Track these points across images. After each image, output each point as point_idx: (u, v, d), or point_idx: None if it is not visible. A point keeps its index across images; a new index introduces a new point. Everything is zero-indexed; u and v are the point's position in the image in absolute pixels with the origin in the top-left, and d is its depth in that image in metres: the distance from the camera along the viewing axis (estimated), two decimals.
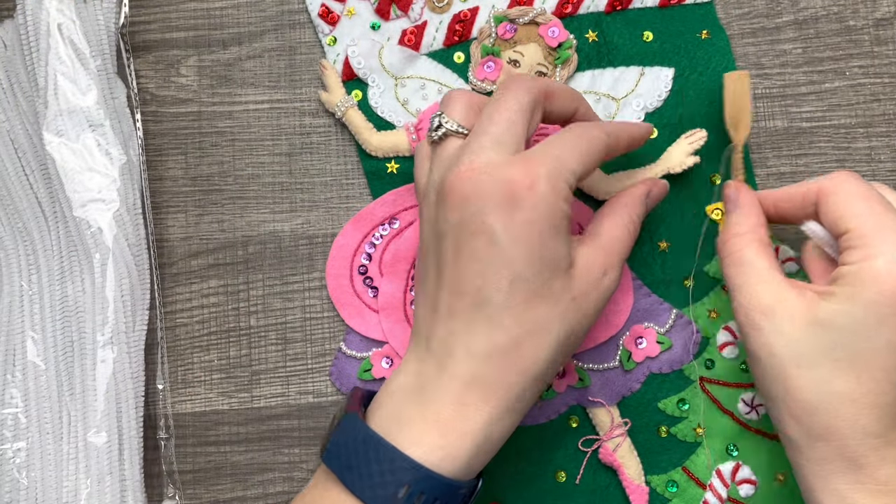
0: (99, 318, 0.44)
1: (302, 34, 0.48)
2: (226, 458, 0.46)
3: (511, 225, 0.35)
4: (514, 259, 0.35)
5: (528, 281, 0.35)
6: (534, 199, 0.35)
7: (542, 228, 0.35)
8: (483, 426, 0.35)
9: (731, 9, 0.48)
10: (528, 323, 0.35)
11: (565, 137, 0.37)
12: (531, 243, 0.35)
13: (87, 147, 0.44)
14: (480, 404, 0.35)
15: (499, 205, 0.35)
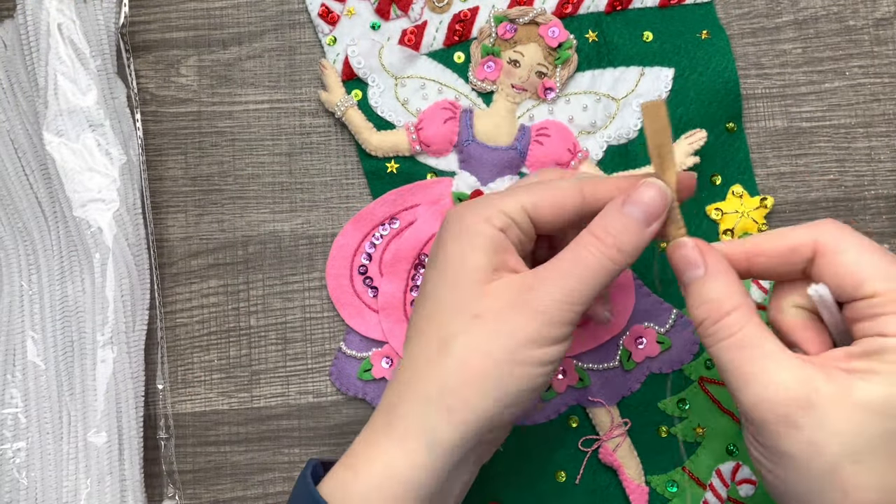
0: (99, 318, 0.44)
1: (302, 34, 0.48)
2: (226, 458, 0.46)
3: (436, 246, 0.36)
4: (427, 279, 0.36)
5: (432, 297, 0.35)
6: (458, 219, 0.35)
7: (452, 244, 0.35)
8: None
9: (731, 9, 0.48)
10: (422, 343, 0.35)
11: (531, 183, 0.37)
12: (441, 259, 0.35)
13: (87, 147, 0.44)
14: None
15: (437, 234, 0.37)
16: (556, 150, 0.45)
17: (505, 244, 0.35)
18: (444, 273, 0.35)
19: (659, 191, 0.34)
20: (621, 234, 0.34)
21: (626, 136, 0.46)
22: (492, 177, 0.46)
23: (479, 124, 0.46)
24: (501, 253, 0.35)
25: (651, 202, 0.34)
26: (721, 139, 0.46)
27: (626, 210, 0.34)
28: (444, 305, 0.35)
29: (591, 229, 0.34)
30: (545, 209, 0.35)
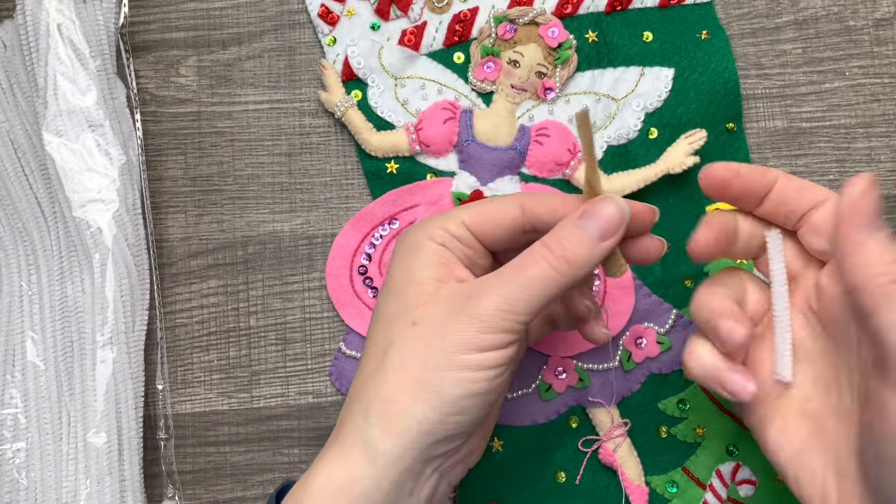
0: (98, 319, 0.43)
1: (302, 34, 0.48)
2: (225, 458, 0.46)
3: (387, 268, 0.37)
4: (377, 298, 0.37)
5: (376, 310, 0.36)
6: (402, 239, 0.37)
7: (397, 261, 0.36)
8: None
9: (731, 9, 0.48)
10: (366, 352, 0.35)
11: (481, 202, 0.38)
12: (388, 276, 0.36)
13: (87, 147, 0.44)
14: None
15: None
16: (555, 150, 0.45)
17: (447, 256, 0.35)
18: (389, 287, 0.36)
19: (618, 207, 0.34)
20: (573, 245, 0.33)
21: (626, 137, 0.46)
22: (492, 177, 0.46)
23: (478, 124, 0.46)
24: (444, 265, 0.35)
25: (609, 217, 0.34)
26: (721, 139, 0.46)
27: (581, 222, 0.34)
28: (386, 316, 0.35)
29: (543, 240, 0.34)
30: (485, 223, 0.36)
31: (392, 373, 0.33)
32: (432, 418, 0.33)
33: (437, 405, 0.33)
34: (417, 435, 0.33)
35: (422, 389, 0.33)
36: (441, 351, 0.33)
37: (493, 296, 0.33)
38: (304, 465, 0.46)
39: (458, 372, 0.33)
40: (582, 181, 0.45)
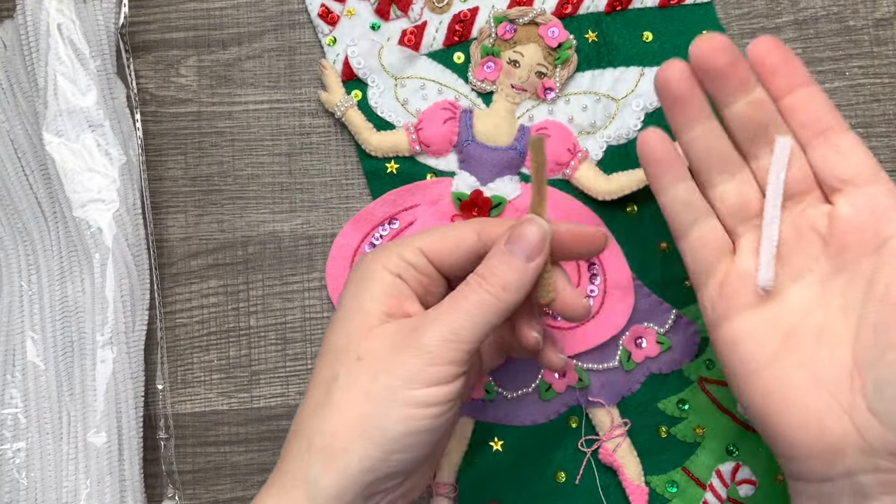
0: (98, 319, 0.44)
1: (302, 34, 0.48)
2: (225, 458, 0.46)
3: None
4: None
5: (324, 341, 0.36)
6: (356, 268, 0.36)
7: (347, 291, 0.36)
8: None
9: (730, 9, 0.48)
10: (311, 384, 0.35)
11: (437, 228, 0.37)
12: (338, 306, 0.36)
13: (87, 147, 0.44)
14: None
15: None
16: (555, 150, 0.45)
17: (400, 289, 0.35)
18: (337, 317, 0.35)
19: (537, 227, 0.34)
20: (504, 272, 0.34)
21: (626, 136, 0.46)
22: (491, 177, 0.46)
23: (478, 124, 0.46)
24: (395, 297, 0.35)
25: (531, 238, 0.34)
26: None
27: (507, 247, 0.34)
28: (332, 349, 0.35)
29: (477, 270, 0.35)
30: (442, 250, 0.36)
31: (336, 407, 0.33)
32: (374, 455, 0.32)
33: (380, 442, 0.32)
34: (358, 472, 0.32)
35: (364, 425, 0.32)
36: (386, 386, 0.32)
37: (438, 326, 0.33)
38: None
39: (402, 408, 0.32)
40: (582, 182, 0.45)
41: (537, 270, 0.35)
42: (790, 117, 0.36)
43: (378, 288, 0.35)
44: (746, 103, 0.36)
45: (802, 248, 0.36)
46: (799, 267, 0.36)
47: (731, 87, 0.36)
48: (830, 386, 0.34)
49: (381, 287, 0.35)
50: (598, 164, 0.46)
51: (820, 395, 0.34)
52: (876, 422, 0.33)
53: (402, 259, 0.35)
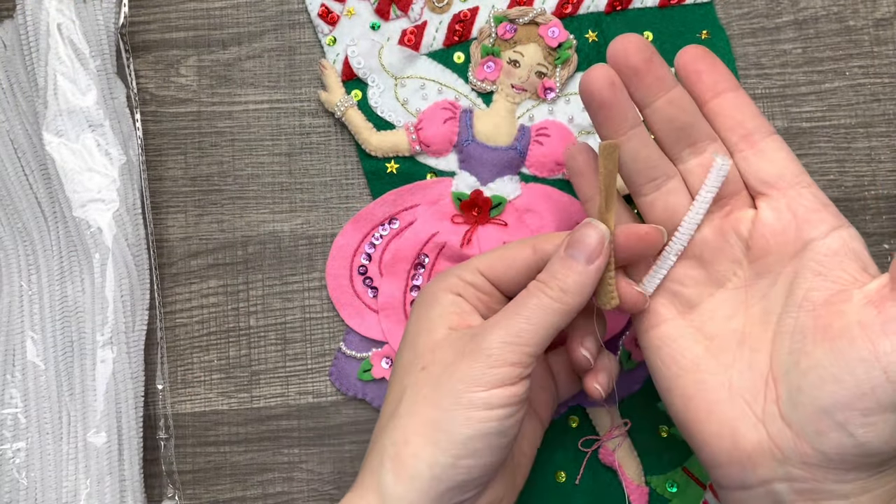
0: (98, 318, 0.43)
1: (302, 34, 0.48)
2: (225, 458, 0.46)
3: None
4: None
5: (395, 361, 0.37)
6: (421, 293, 0.38)
7: (414, 314, 0.37)
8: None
9: (731, 9, 0.48)
10: (386, 400, 0.37)
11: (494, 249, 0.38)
12: (405, 329, 0.38)
13: (87, 147, 0.44)
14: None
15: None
16: (556, 150, 0.45)
17: (462, 306, 0.36)
18: (405, 339, 0.37)
19: (595, 229, 0.35)
20: (564, 274, 0.35)
21: None
22: (491, 177, 0.46)
23: (478, 124, 0.46)
24: (457, 314, 0.36)
25: (588, 240, 0.35)
26: None
27: (567, 252, 0.35)
28: (401, 366, 0.36)
29: (537, 276, 0.36)
30: (499, 267, 0.37)
31: (404, 417, 0.34)
32: (442, 462, 0.33)
33: (447, 447, 0.33)
34: (429, 480, 0.33)
35: (432, 430, 0.33)
36: (449, 390, 0.33)
37: (498, 331, 0.34)
38: (303, 464, 0.46)
39: (466, 410, 0.33)
40: None
41: (598, 273, 0.35)
42: (715, 121, 0.36)
43: (441, 307, 0.36)
44: (666, 102, 0.36)
45: (726, 254, 0.36)
46: (723, 272, 0.36)
47: (648, 85, 0.36)
48: (746, 393, 0.34)
49: (443, 306, 0.36)
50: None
51: (735, 402, 0.34)
52: (789, 431, 0.33)
53: (461, 280, 0.37)
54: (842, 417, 0.31)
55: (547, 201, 0.45)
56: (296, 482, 0.45)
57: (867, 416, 0.31)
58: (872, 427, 0.31)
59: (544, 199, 0.45)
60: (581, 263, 0.35)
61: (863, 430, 0.31)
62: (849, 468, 0.32)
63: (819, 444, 0.32)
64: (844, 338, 0.32)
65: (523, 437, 0.39)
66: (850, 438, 0.31)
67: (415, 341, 0.36)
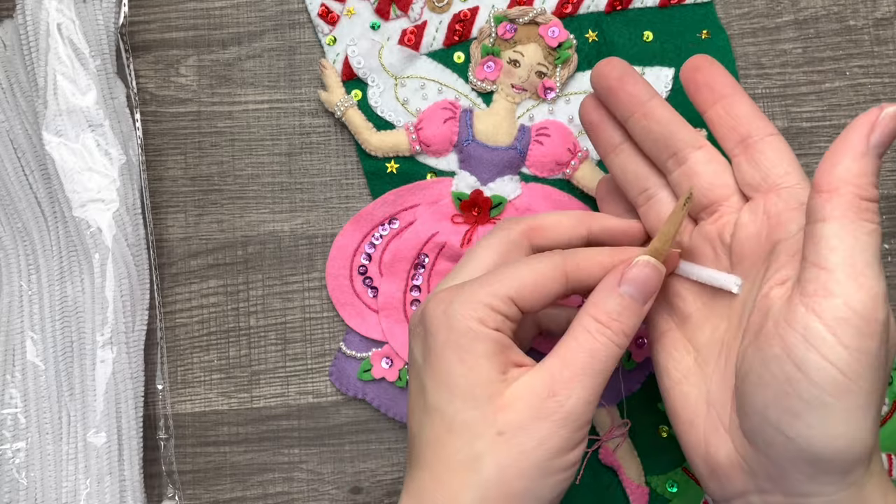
0: (98, 319, 0.43)
1: (301, 34, 0.48)
2: (225, 458, 0.46)
3: (426, 351, 0.34)
4: (426, 388, 0.33)
5: (440, 411, 0.33)
6: (445, 323, 0.33)
7: (450, 353, 0.33)
8: None
9: (731, 9, 0.47)
10: (444, 459, 0.32)
11: (511, 264, 0.35)
12: (440, 370, 0.33)
13: (87, 147, 0.44)
14: None
15: (418, 332, 0.35)
16: (556, 150, 0.45)
17: (505, 343, 0.34)
18: (450, 386, 0.33)
19: (655, 269, 0.34)
20: (623, 317, 0.33)
21: None
22: (492, 177, 0.45)
23: (478, 124, 0.46)
24: (504, 353, 0.33)
25: (647, 281, 0.34)
26: None
27: (623, 290, 0.34)
28: (462, 423, 0.33)
29: (593, 314, 0.34)
30: (529, 295, 0.34)
31: (494, 488, 0.32)
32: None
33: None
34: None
35: (521, 499, 0.32)
36: (536, 462, 0.32)
37: (579, 391, 0.32)
38: (303, 464, 0.46)
39: (553, 476, 0.32)
40: (582, 182, 0.45)
41: (646, 313, 0.35)
42: (713, 129, 0.37)
43: (485, 346, 0.33)
44: (641, 115, 0.37)
45: (714, 261, 0.36)
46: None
47: (623, 102, 0.37)
48: (719, 405, 0.34)
49: (488, 345, 0.33)
50: (599, 164, 0.46)
51: (709, 414, 0.34)
52: (746, 441, 0.32)
53: (494, 311, 0.33)
54: (774, 418, 0.30)
55: (547, 201, 0.45)
56: (296, 482, 0.45)
57: (794, 414, 0.30)
58: (803, 425, 0.30)
59: (544, 199, 0.45)
60: (639, 305, 0.34)
61: (794, 430, 0.30)
62: (807, 477, 0.31)
63: (768, 451, 0.31)
64: (763, 336, 0.31)
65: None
66: (788, 441, 0.30)
67: (470, 392, 0.33)
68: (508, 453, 0.32)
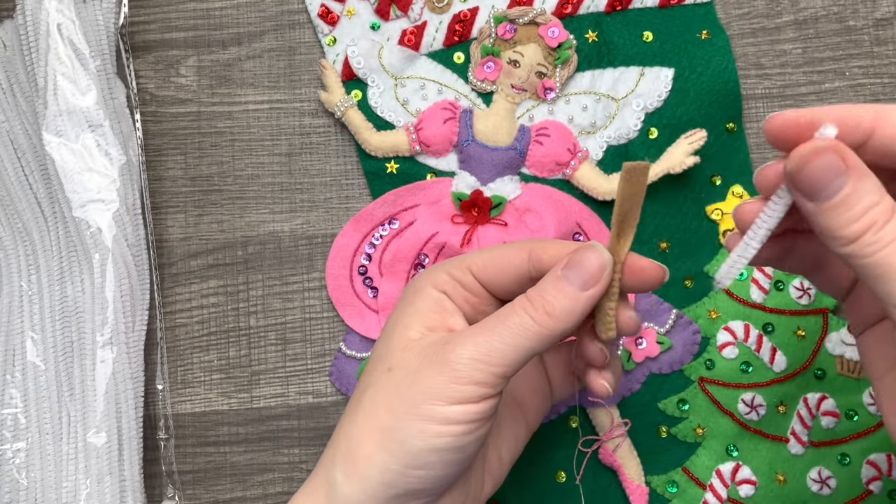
0: (98, 319, 0.43)
1: (301, 34, 0.48)
2: (225, 458, 0.46)
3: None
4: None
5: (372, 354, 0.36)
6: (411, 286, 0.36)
7: (399, 306, 0.36)
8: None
9: (731, 9, 0.47)
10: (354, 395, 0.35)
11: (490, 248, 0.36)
12: (388, 321, 0.36)
13: (87, 147, 0.44)
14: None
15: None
16: (555, 150, 0.45)
17: (445, 305, 0.34)
18: (382, 333, 0.36)
19: (597, 254, 0.32)
20: (553, 297, 0.32)
21: (626, 137, 0.46)
22: (492, 177, 0.46)
23: (478, 124, 0.46)
24: (438, 313, 0.34)
25: (587, 265, 0.32)
26: (721, 139, 0.46)
27: (563, 273, 0.32)
28: (371, 361, 0.35)
29: (527, 292, 0.33)
30: (491, 269, 0.35)
31: (362, 415, 0.33)
32: (394, 469, 0.32)
33: (399, 456, 0.32)
34: (378, 484, 0.32)
35: (385, 437, 0.32)
36: (408, 399, 0.32)
37: (468, 345, 0.32)
38: (303, 465, 0.46)
39: (421, 423, 0.31)
40: (582, 182, 0.45)
41: (591, 301, 0.32)
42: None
43: (422, 302, 0.34)
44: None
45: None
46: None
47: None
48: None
49: (424, 301, 0.34)
50: (599, 164, 0.46)
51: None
52: None
53: (450, 276, 0.35)
54: None
55: (547, 201, 0.45)
56: (296, 482, 0.45)
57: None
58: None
59: (544, 199, 0.45)
60: (574, 288, 0.32)
61: None
62: None
63: None
64: None
65: (502, 443, 0.38)
66: None
67: (389, 335, 0.35)
68: (386, 387, 0.32)
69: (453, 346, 0.32)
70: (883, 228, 0.28)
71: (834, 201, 0.28)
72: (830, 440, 0.44)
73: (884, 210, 0.28)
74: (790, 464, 0.43)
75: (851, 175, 0.28)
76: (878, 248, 0.28)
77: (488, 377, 0.32)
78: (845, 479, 0.43)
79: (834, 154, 0.28)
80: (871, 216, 0.28)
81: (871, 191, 0.28)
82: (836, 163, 0.28)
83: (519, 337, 0.32)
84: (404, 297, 0.36)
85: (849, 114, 0.29)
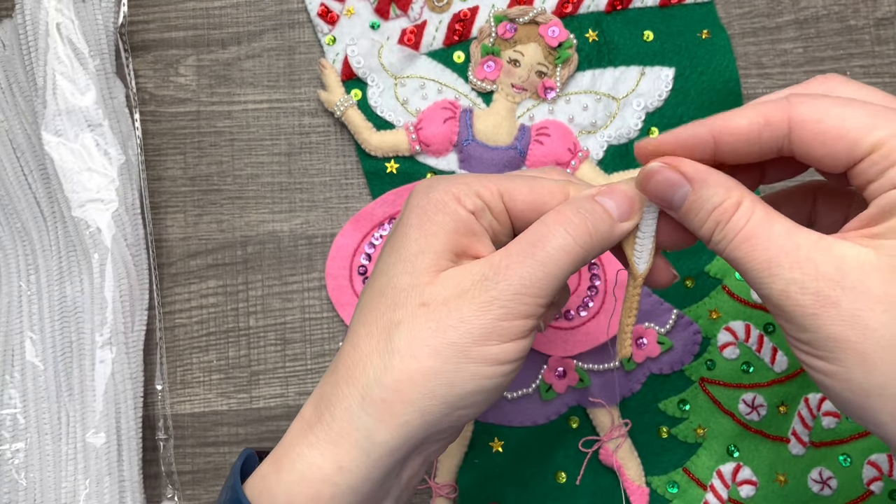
0: (97, 319, 0.43)
1: (301, 34, 0.48)
2: (225, 458, 0.46)
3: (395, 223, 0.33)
4: (381, 254, 0.32)
5: (382, 273, 0.32)
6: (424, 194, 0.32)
7: (414, 218, 0.31)
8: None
9: (731, 8, 0.47)
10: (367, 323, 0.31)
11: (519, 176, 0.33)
12: (398, 234, 0.32)
13: (86, 147, 0.44)
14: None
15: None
16: (556, 149, 0.45)
17: (473, 227, 0.31)
18: (399, 251, 0.31)
19: (633, 189, 0.31)
20: (589, 212, 0.31)
21: (627, 136, 0.45)
22: None
23: (478, 124, 0.46)
24: (467, 236, 0.31)
25: (624, 196, 0.31)
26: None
27: (599, 198, 0.31)
28: (393, 288, 0.31)
29: (558, 209, 0.31)
30: (523, 200, 0.32)
31: (398, 359, 0.30)
32: (438, 411, 0.30)
33: (447, 399, 0.30)
34: (419, 428, 0.30)
35: (431, 382, 0.30)
36: (455, 341, 0.29)
37: (513, 278, 0.30)
38: None
39: (473, 365, 0.30)
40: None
41: (622, 235, 0.31)
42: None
43: (451, 223, 0.31)
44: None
45: None
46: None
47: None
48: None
49: (451, 222, 0.31)
50: (599, 163, 0.46)
51: None
52: None
53: (479, 197, 0.31)
54: None
55: None
56: None
57: None
58: None
59: None
60: (614, 214, 0.31)
61: None
62: None
63: None
64: None
65: None
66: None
67: (412, 262, 0.31)
68: (425, 325, 0.30)
69: (497, 280, 0.30)
70: (726, 226, 0.29)
71: (684, 209, 0.30)
72: (831, 440, 0.43)
73: (726, 209, 0.29)
74: (791, 464, 0.43)
75: (693, 184, 0.30)
76: (725, 245, 0.29)
77: (534, 308, 0.30)
78: (846, 480, 0.43)
79: (669, 169, 0.30)
80: (715, 216, 0.29)
81: (714, 193, 0.29)
82: (672, 177, 0.30)
83: (561, 262, 0.30)
84: (420, 208, 0.31)
85: (690, 136, 0.30)
